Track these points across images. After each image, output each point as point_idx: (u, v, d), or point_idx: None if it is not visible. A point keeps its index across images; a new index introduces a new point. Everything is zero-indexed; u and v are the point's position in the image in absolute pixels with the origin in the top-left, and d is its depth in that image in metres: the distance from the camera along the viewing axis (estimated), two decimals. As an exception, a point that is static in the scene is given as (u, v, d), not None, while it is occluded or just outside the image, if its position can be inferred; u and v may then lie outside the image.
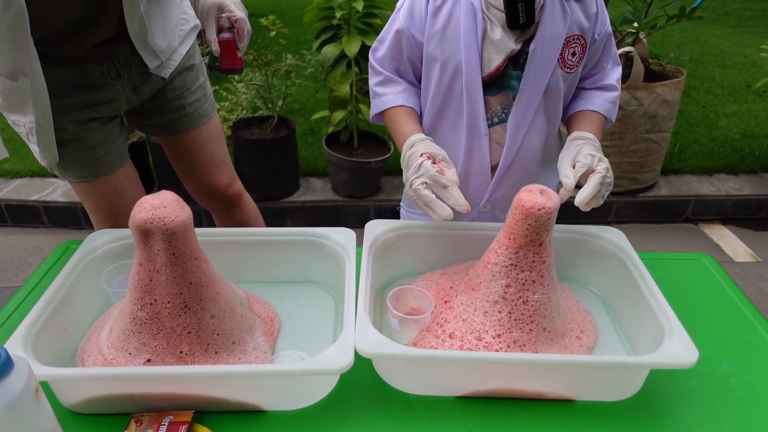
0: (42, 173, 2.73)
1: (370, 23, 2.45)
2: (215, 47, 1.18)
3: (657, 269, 1.03)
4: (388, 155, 2.52)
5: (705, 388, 0.86)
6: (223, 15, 1.17)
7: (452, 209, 0.91)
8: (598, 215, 2.65)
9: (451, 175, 0.92)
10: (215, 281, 0.83)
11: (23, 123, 1.11)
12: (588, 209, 0.91)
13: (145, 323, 0.78)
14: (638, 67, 2.23)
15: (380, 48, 1.08)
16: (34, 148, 1.16)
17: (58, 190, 2.59)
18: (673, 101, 2.39)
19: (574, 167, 0.94)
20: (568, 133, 1.04)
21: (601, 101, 1.07)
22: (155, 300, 0.77)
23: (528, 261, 0.86)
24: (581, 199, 0.89)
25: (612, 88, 1.08)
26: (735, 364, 0.91)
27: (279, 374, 0.76)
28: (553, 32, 0.96)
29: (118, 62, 1.15)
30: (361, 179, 2.51)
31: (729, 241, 2.58)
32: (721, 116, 3.54)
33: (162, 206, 0.76)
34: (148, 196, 0.79)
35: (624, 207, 2.63)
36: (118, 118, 1.28)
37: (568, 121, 1.10)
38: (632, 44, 2.31)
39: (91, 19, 1.04)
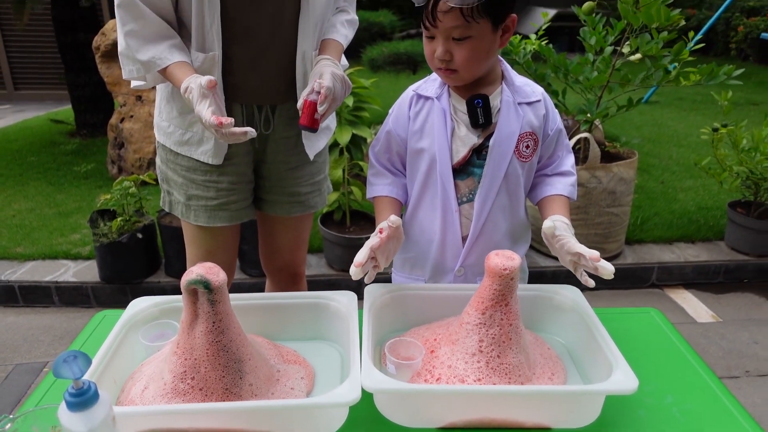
0: (53, 256, 2.89)
1: (359, 116, 2.74)
2: (299, 103, 1.25)
3: (613, 321, 1.24)
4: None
5: (652, 415, 1.03)
6: (318, 80, 1.25)
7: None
8: (574, 282, 2.84)
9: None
10: (247, 343, 0.99)
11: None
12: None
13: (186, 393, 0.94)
14: (595, 150, 2.52)
15: (377, 145, 1.31)
16: (206, 147, 1.35)
17: (69, 271, 2.74)
18: (629, 178, 2.67)
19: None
20: (542, 215, 1.25)
21: (563, 185, 1.28)
22: (196, 370, 0.93)
23: (496, 319, 1.04)
24: (611, 269, 1.09)
25: (569, 174, 1.30)
26: (677, 396, 1.08)
27: (302, 407, 0.91)
28: (509, 130, 1.19)
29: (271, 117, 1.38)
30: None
31: (692, 303, 2.78)
32: (679, 191, 3.85)
33: (208, 272, 0.94)
34: (195, 266, 0.97)
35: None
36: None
37: (540, 204, 1.30)
38: (589, 131, 2.61)
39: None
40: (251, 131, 1.15)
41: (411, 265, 1.38)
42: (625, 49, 2.40)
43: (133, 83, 1.36)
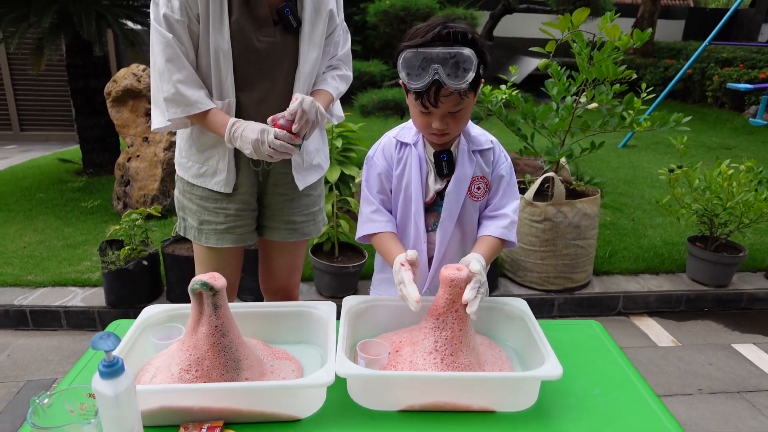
0: (63, 283, 3.07)
1: (348, 156, 2.99)
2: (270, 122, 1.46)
3: (561, 331, 1.46)
4: (363, 261, 2.94)
5: (580, 402, 1.21)
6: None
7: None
8: (544, 310, 3.05)
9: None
10: (244, 344, 1.19)
11: (218, 153, 1.57)
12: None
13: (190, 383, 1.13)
14: (559, 188, 2.76)
15: (373, 186, 1.46)
16: (219, 178, 1.59)
17: (77, 297, 2.92)
18: (593, 214, 2.91)
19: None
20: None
21: (495, 227, 1.44)
22: (199, 364, 1.13)
23: (449, 323, 1.23)
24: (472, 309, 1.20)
25: (504, 217, 1.45)
26: (603, 388, 1.27)
27: (287, 387, 1.11)
28: (464, 175, 1.40)
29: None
30: (340, 282, 2.90)
31: (654, 330, 2.97)
32: (648, 227, 4.08)
33: (210, 278, 1.14)
34: (201, 275, 1.18)
35: (564, 303, 3.04)
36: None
37: (477, 240, 1.47)
38: (556, 171, 2.86)
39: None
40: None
41: (387, 283, 1.58)
42: (583, 99, 2.68)
43: (156, 126, 1.59)
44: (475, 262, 1.25)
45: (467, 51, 1.22)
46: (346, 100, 1.67)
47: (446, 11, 4.68)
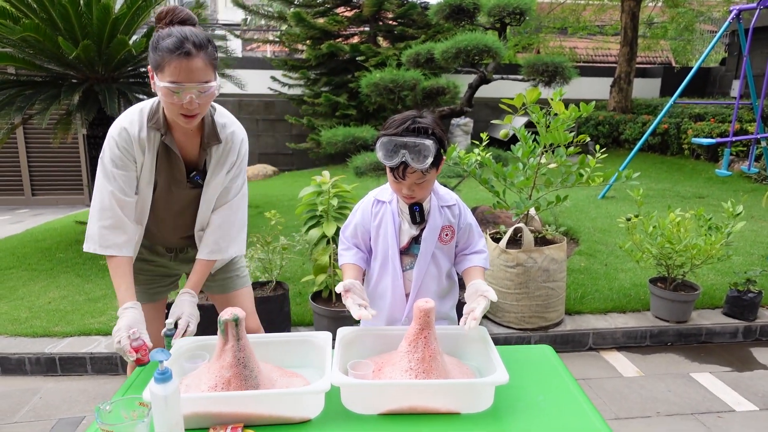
0: (87, 333, 3.35)
1: (343, 213, 3.35)
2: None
3: (518, 353, 1.76)
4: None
5: (527, 405, 1.49)
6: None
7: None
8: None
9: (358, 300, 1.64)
10: (260, 367, 1.50)
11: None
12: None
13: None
14: (528, 237, 3.11)
15: (346, 230, 1.84)
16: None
17: (101, 344, 3.20)
18: (560, 259, 3.24)
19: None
20: (466, 281, 1.75)
21: (478, 259, 1.80)
22: (226, 384, 1.43)
23: (419, 347, 1.54)
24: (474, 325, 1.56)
25: (481, 251, 1.82)
26: (547, 395, 1.56)
27: (293, 394, 1.41)
28: (435, 225, 1.74)
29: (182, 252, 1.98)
30: (338, 324, 3.13)
31: (621, 362, 3.24)
32: (620, 271, 4.39)
33: (236, 312, 1.47)
34: (225, 310, 1.49)
35: (540, 339, 3.32)
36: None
37: (464, 273, 1.81)
38: (525, 222, 3.21)
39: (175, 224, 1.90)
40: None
41: (375, 318, 1.90)
42: (544, 160, 3.07)
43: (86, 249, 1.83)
44: (492, 292, 1.62)
45: (428, 142, 1.59)
46: (341, 160, 2.01)
47: (431, 81, 5.16)
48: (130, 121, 1.74)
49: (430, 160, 1.58)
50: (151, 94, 5.38)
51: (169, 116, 1.72)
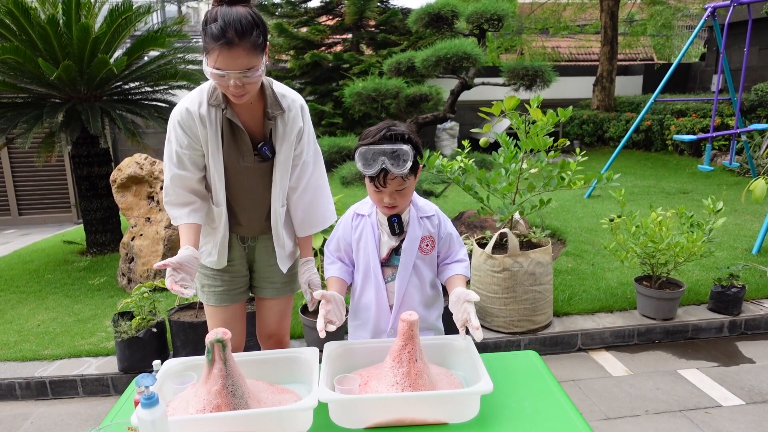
0: (77, 354, 3.34)
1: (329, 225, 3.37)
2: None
3: (504, 360, 1.78)
4: (346, 317, 3.25)
5: (513, 412, 1.53)
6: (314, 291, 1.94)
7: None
8: (511, 350, 3.35)
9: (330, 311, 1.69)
10: (248, 387, 1.52)
11: (211, 241, 1.95)
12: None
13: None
14: (513, 242, 3.14)
15: (330, 244, 1.88)
16: (212, 259, 1.99)
17: (92, 366, 3.19)
18: (545, 262, 3.28)
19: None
20: (449, 289, 1.78)
21: (459, 268, 1.83)
22: (214, 406, 1.45)
23: (404, 360, 1.57)
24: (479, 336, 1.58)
25: (462, 260, 1.86)
26: (532, 401, 1.59)
27: (281, 412, 1.43)
28: (415, 235, 1.78)
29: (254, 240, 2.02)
30: (327, 336, 3.21)
31: (610, 362, 3.28)
32: (606, 271, 4.44)
33: (220, 333, 1.48)
34: (211, 332, 1.51)
35: (529, 343, 3.35)
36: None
37: (446, 282, 1.84)
38: (510, 226, 3.25)
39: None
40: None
41: (360, 329, 1.92)
42: (525, 165, 3.11)
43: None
44: (473, 294, 1.65)
45: (406, 147, 1.63)
46: (327, 171, 2.07)
47: (413, 89, 5.20)
48: (191, 100, 1.81)
49: (409, 164, 1.62)
50: (133, 113, 5.38)
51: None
